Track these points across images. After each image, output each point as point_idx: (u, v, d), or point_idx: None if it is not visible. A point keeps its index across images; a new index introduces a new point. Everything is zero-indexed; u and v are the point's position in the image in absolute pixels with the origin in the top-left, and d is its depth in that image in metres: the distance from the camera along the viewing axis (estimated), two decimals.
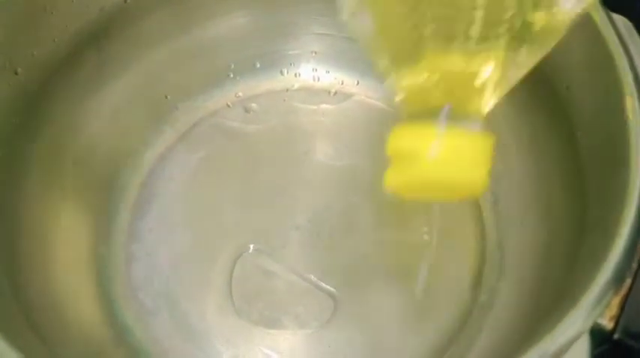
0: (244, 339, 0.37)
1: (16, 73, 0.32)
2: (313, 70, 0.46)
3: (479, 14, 0.21)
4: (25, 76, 0.33)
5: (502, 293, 0.37)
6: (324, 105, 0.45)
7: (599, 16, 0.29)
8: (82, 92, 0.37)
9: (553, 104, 0.33)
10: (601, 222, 0.27)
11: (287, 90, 0.46)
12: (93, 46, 0.37)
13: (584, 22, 0.29)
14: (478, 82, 0.22)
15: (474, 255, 0.39)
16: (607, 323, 0.23)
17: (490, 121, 0.40)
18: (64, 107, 0.36)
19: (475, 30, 0.21)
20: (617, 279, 0.23)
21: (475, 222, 0.40)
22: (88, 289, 0.37)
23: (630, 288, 0.23)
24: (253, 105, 0.45)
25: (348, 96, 0.45)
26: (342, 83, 0.46)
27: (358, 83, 0.45)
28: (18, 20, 0.32)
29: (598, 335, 0.23)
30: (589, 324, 0.23)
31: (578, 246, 0.29)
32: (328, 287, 0.38)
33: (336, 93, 0.45)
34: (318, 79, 0.46)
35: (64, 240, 0.36)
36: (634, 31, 0.29)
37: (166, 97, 0.43)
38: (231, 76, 0.45)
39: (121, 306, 0.37)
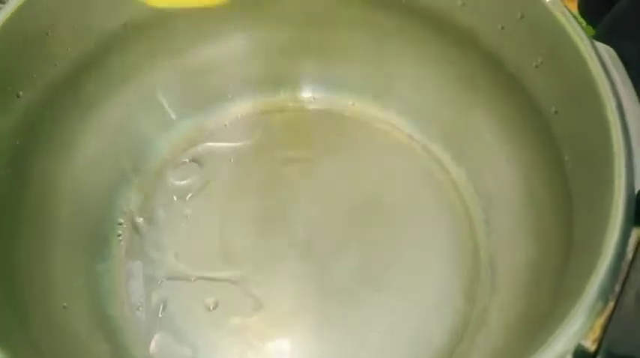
0: (239, 355, 0.37)
1: (18, 96, 0.33)
2: (311, 91, 0.47)
3: None
4: (27, 99, 0.34)
5: (493, 310, 0.38)
6: (320, 125, 0.46)
7: (584, 44, 0.30)
8: (82, 111, 0.38)
9: (542, 127, 0.34)
10: (586, 243, 0.28)
11: (285, 110, 0.47)
12: (93, 67, 0.38)
13: (570, 50, 0.30)
14: None
15: (467, 271, 0.40)
16: (590, 346, 0.24)
17: (482, 143, 0.41)
18: (65, 126, 0.37)
19: None
20: (600, 301, 0.24)
21: (467, 239, 0.41)
22: (86, 305, 0.37)
23: (613, 311, 0.24)
24: (251, 124, 0.46)
25: (343, 117, 0.46)
26: (338, 104, 0.46)
27: (353, 104, 0.46)
28: (20, 44, 0.33)
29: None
30: (572, 345, 0.23)
31: (565, 266, 0.30)
32: (321, 305, 0.39)
33: (332, 113, 0.46)
34: (315, 100, 0.47)
35: (63, 256, 0.37)
36: (617, 59, 0.30)
37: (164, 116, 0.44)
38: (230, 96, 0.46)
39: (119, 322, 0.38)
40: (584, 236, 0.29)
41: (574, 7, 0.29)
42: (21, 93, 0.33)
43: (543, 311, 0.30)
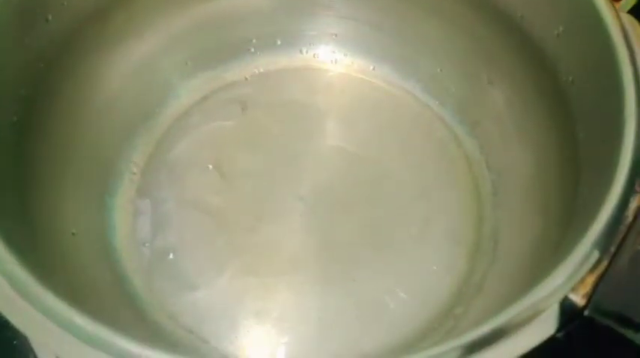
0: (237, 299, 0.38)
1: (47, 20, 0.34)
2: (332, 52, 0.47)
3: None
4: (56, 24, 0.34)
5: (492, 278, 0.38)
6: (338, 87, 0.47)
7: (607, 11, 0.30)
8: (108, 47, 0.39)
9: (557, 96, 0.34)
10: (588, 207, 0.28)
11: (305, 69, 0.47)
12: (122, 3, 0.38)
13: (593, 17, 0.30)
14: None
15: (469, 241, 0.40)
16: (579, 300, 0.24)
17: (497, 117, 0.41)
18: (91, 59, 0.38)
19: None
20: (591, 257, 0.24)
21: (474, 209, 0.41)
22: (94, 235, 0.38)
23: (605, 270, 0.24)
24: (270, 80, 0.46)
25: (363, 80, 0.47)
26: (359, 67, 0.47)
27: (374, 68, 0.46)
28: None
29: (569, 311, 0.24)
30: (559, 296, 0.24)
31: (565, 235, 0.30)
32: (321, 260, 0.39)
33: (351, 76, 0.47)
34: (336, 61, 0.47)
35: (76, 185, 0.38)
36: (638, 28, 0.29)
37: (187, 64, 0.45)
38: (252, 50, 0.46)
39: (123, 255, 0.39)
40: (586, 202, 0.29)
41: None
42: (50, 17, 0.34)
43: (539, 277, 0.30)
